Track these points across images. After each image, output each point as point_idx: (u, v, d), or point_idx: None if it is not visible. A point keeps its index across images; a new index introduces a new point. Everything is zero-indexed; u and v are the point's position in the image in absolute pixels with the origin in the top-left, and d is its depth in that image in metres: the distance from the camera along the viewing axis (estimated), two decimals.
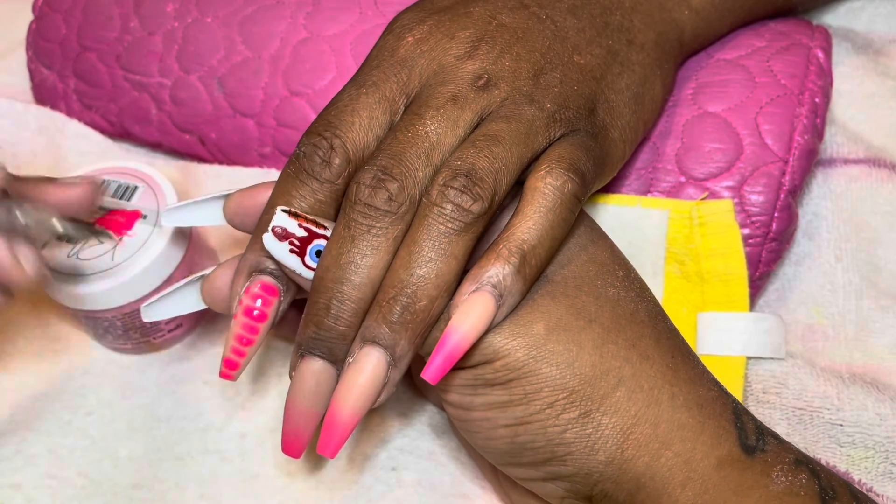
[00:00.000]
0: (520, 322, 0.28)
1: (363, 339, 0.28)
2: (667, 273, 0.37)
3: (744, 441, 0.28)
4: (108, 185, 0.39)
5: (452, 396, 0.29)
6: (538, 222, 0.28)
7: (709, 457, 0.28)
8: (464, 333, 0.27)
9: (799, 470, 0.28)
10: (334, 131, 0.29)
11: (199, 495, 0.34)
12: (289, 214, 0.28)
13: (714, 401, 0.29)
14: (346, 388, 0.28)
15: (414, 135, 0.28)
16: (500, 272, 0.27)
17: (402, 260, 0.27)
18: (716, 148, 0.37)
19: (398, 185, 0.27)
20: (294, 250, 0.28)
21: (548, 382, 0.28)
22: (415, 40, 0.31)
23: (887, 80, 0.44)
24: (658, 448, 0.28)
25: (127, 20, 0.45)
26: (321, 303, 0.28)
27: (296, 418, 0.29)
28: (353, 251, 0.27)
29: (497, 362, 0.28)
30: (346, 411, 0.27)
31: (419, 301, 0.27)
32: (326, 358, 0.28)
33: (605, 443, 0.28)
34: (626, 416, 0.28)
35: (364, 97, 0.30)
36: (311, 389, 0.29)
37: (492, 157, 0.28)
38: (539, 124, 0.29)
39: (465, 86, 0.29)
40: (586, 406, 0.28)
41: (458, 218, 0.27)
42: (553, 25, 0.32)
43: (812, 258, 0.40)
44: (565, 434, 0.28)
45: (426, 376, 0.27)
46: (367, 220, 0.27)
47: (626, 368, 0.28)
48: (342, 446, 0.28)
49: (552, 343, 0.28)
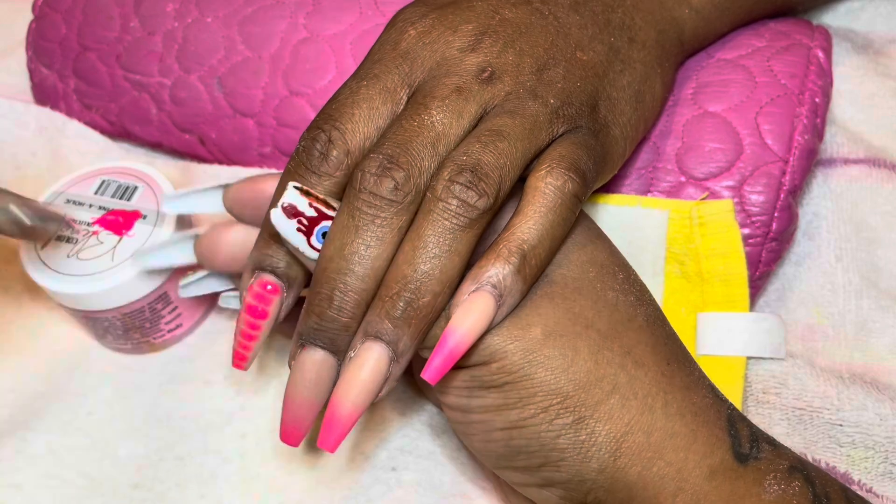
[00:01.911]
0: (518, 324, 0.28)
1: (365, 334, 0.27)
2: (667, 273, 0.37)
3: (737, 449, 0.28)
4: (108, 184, 0.39)
5: (450, 398, 0.29)
6: (538, 222, 0.28)
7: (701, 466, 0.27)
8: (463, 333, 0.27)
9: (793, 477, 0.28)
10: (333, 124, 0.29)
11: (199, 495, 0.34)
12: (300, 192, 0.28)
13: (708, 408, 0.29)
14: (347, 383, 0.27)
15: (420, 124, 0.28)
16: (500, 272, 0.27)
17: (406, 255, 0.27)
18: (716, 148, 0.37)
19: (404, 174, 0.27)
20: (301, 229, 0.28)
21: (542, 387, 0.28)
22: (417, 33, 0.31)
23: (887, 80, 0.44)
24: (650, 457, 0.27)
25: (127, 20, 0.45)
26: (324, 293, 0.28)
27: (296, 408, 0.29)
28: (357, 241, 0.27)
29: (493, 364, 0.28)
30: (347, 406, 0.27)
31: (423, 297, 0.27)
32: (328, 348, 0.28)
33: (599, 450, 0.28)
34: (620, 424, 0.28)
35: (364, 89, 0.29)
36: (312, 379, 0.29)
37: (497, 153, 0.28)
38: (543, 120, 0.29)
39: (469, 78, 0.29)
40: (580, 412, 0.28)
41: (463, 214, 0.27)
42: (556, 21, 0.32)
43: (812, 258, 0.40)
44: (559, 439, 0.28)
45: (426, 376, 0.27)
46: (371, 210, 0.27)
47: (621, 375, 0.28)
48: (342, 440, 0.28)
49: (548, 348, 0.28)
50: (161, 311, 0.38)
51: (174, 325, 0.39)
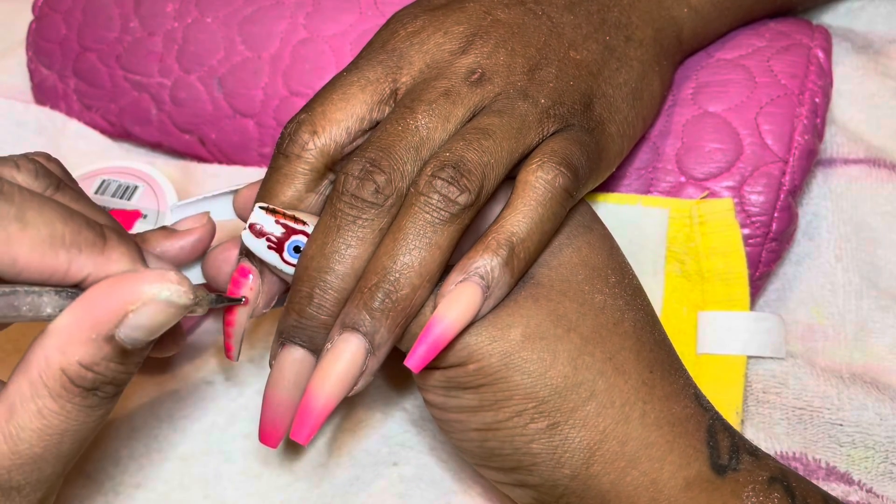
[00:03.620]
0: (498, 325, 0.28)
1: (343, 325, 0.27)
2: (667, 272, 0.37)
3: (715, 461, 0.28)
4: (109, 184, 0.39)
5: (429, 396, 0.29)
6: (528, 215, 0.28)
7: (676, 477, 0.27)
8: (449, 323, 0.27)
9: (772, 489, 0.27)
10: (305, 109, 0.29)
11: (203, 496, 0.35)
12: (266, 211, 0.28)
13: (688, 419, 0.28)
14: (322, 375, 0.27)
15: (404, 128, 0.28)
16: (487, 264, 0.27)
17: (387, 247, 0.27)
18: (716, 148, 0.37)
19: (386, 177, 0.27)
20: (272, 246, 0.29)
21: (518, 391, 0.27)
22: (406, 33, 0.31)
23: (887, 80, 0.44)
24: (624, 466, 0.27)
25: (127, 20, 0.45)
26: (304, 291, 0.28)
27: (274, 408, 0.29)
28: (337, 241, 0.27)
29: (470, 366, 0.28)
30: (321, 398, 0.27)
31: (401, 289, 0.27)
32: (307, 347, 0.28)
33: (571, 457, 0.27)
34: (595, 432, 0.27)
35: (343, 78, 0.30)
36: (291, 379, 0.29)
37: (481, 150, 0.28)
38: (532, 119, 0.29)
39: (458, 80, 0.29)
40: (555, 418, 0.27)
41: (444, 208, 0.27)
42: (549, 21, 0.32)
43: (812, 258, 0.40)
44: (532, 444, 0.28)
45: (409, 364, 0.27)
46: (353, 211, 0.27)
47: (600, 382, 0.28)
48: (315, 433, 0.28)
49: (526, 351, 0.28)
50: None
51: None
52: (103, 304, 0.25)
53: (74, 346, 0.24)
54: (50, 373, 0.24)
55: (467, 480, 0.35)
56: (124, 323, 0.25)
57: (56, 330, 0.25)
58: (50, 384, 0.25)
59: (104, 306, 0.25)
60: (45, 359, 0.25)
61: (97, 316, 0.25)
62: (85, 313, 0.25)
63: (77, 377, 0.25)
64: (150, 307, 0.25)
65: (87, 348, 0.25)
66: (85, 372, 0.25)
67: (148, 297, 0.25)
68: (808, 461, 0.34)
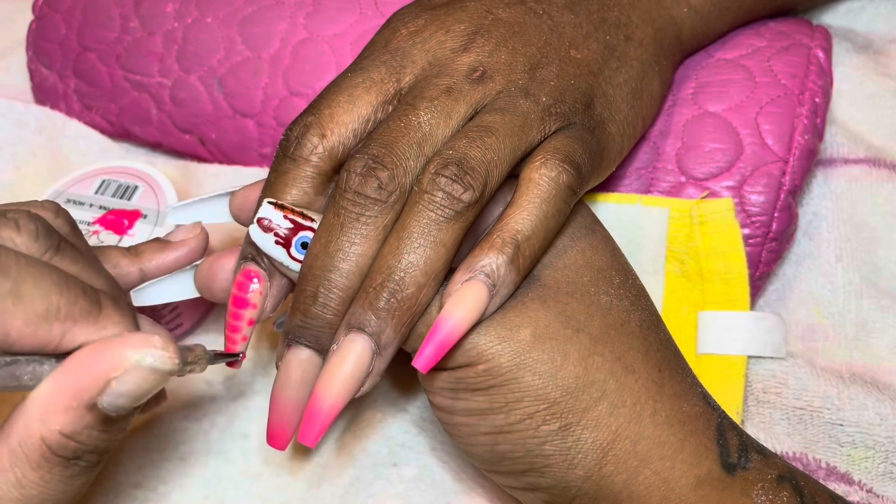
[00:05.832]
0: (506, 325, 0.28)
1: (348, 326, 0.27)
2: (667, 272, 0.37)
3: (725, 459, 0.28)
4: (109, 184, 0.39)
5: (436, 399, 0.29)
6: (532, 213, 0.27)
7: (687, 476, 0.27)
8: (457, 321, 0.26)
9: (781, 487, 0.27)
10: (311, 111, 0.29)
11: (203, 496, 0.34)
12: (275, 206, 0.28)
13: (698, 417, 0.28)
14: (329, 376, 0.27)
15: (406, 125, 0.28)
16: (493, 262, 0.27)
17: (391, 246, 0.27)
18: (716, 148, 0.37)
19: (388, 173, 0.27)
20: (279, 241, 0.28)
21: (529, 392, 0.27)
22: (409, 32, 0.31)
23: (887, 80, 0.44)
24: (636, 465, 0.27)
25: (127, 20, 0.45)
26: (309, 291, 0.28)
27: (281, 409, 0.29)
28: (341, 239, 0.27)
29: (479, 366, 0.27)
30: (328, 400, 0.27)
31: (407, 288, 0.27)
32: (313, 347, 0.28)
33: (585, 458, 0.27)
34: (607, 432, 0.27)
35: (348, 79, 0.30)
36: (298, 379, 0.29)
37: (484, 148, 0.28)
38: (534, 117, 0.29)
39: (459, 78, 0.29)
40: (567, 419, 0.27)
41: (448, 206, 0.27)
42: (550, 20, 0.32)
43: (812, 258, 0.40)
44: (544, 446, 0.28)
45: (417, 364, 0.27)
46: (356, 209, 0.27)
47: (610, 382, 0.28)
48: (323, 435, 0.28)
49: (537, 351, 0.27)
50: (161, 311, 0.38)
51: (174, 324, 0.39)
52: (85, 372, 0.24)
53: (55, 414, 0.24)
54: (30, 442, 0.24)
55: (468, 482, 0.35)
56: (107, 391, 0.24)
57: (37, 398, 0.24)
58: (29, 454, 0.24)
59: (86, 374, 0.24)
60: (26, 427, 0.24)
61: (78, 384, 0.24)
62: (66, 381, 0.24)
63: (57, 447, 0.24)
64: (134, 374, 0.24)
65: (68, 417, 0.24)
66: (66, 441, 0.24)
67: (131, 363, 0.24)
68: (809, 461, 0.34)
